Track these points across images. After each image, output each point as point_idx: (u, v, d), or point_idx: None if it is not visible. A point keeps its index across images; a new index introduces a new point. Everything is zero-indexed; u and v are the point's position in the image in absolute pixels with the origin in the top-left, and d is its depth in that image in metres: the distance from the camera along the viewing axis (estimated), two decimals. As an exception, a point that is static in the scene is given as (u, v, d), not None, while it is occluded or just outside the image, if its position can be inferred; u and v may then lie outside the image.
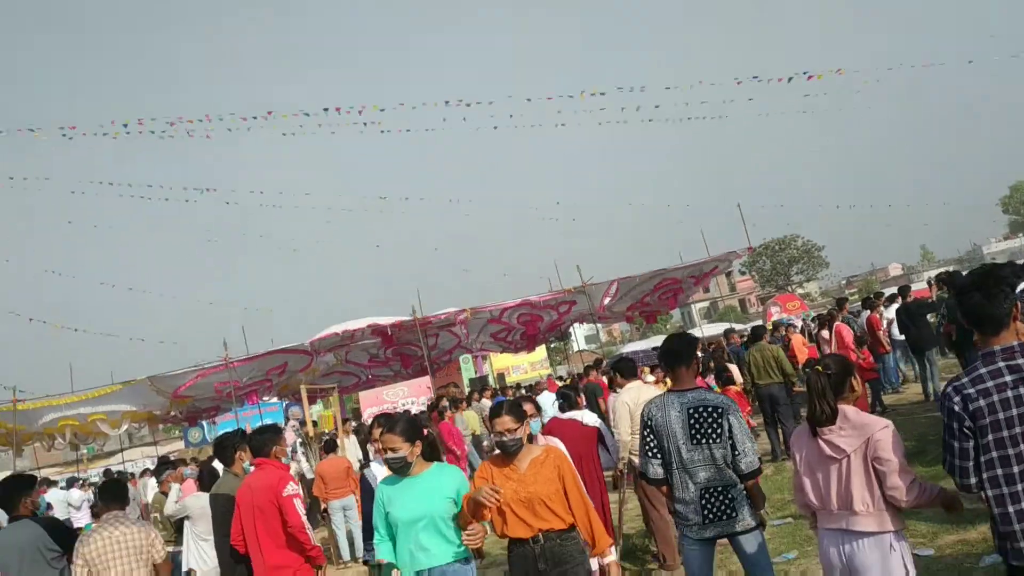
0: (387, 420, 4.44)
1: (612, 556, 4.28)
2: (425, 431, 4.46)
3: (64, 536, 5.22)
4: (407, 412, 11.79)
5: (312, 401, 17.59)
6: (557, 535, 4.08)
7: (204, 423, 30.51)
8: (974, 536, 5.92)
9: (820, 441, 3.62)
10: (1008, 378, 3.04)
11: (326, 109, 15.94)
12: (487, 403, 16.84)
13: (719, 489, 4.38)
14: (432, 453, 4.43)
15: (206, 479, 7.36)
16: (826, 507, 3.63)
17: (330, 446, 10.18)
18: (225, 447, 5.71)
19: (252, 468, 5.42)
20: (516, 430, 4.17)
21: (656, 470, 4.58)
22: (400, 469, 4.21)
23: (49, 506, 14.32)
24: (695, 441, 4.41)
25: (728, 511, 4.37)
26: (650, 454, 4.60)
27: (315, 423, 15.29)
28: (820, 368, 3.70)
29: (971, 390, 3.08)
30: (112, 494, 5.39)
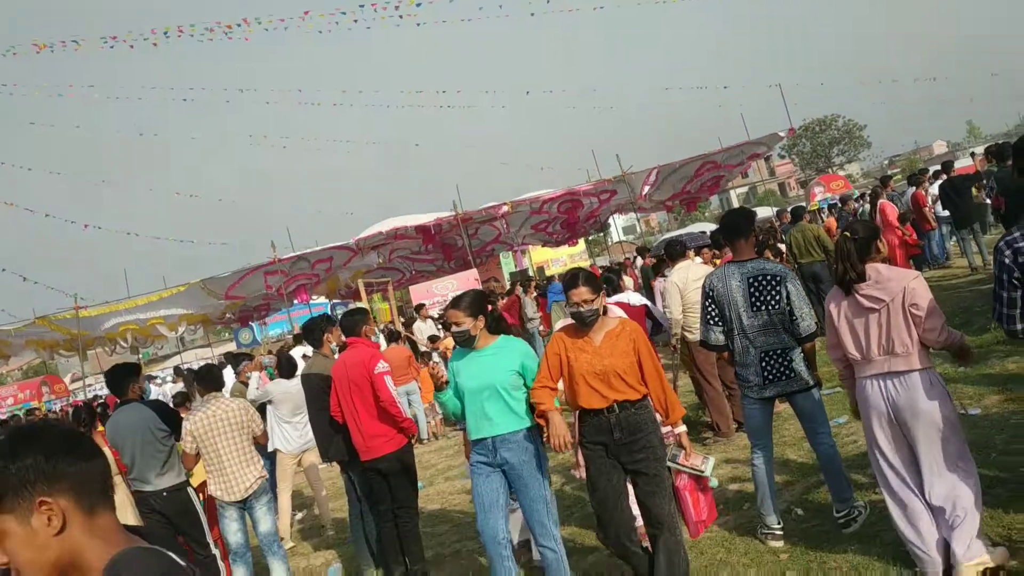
0: (454, 298, 4.70)
1: (683, 426, 4.43)
2: (490, 307, 4.74)
3: (171, 417, 5.70)
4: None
5: (367, 295, 18.13)
6: (632, 405, 4.14)
7: (254, 324, 31.46)
8: (1020, 394, 6.19)
9: (857, 296, 3.90)
10: (1059, 232, 3.24)
11: (362, 5, 15.83)
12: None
13: (778, 352, 4.69)
14: (498, 327, 4.66)
15: (284, 366, 7.85)
16: (866, 356, 3.91)
17: (392, 336, 10.63)
18: (314, 330, 6.09)
19: (337, 349, 5.81)
20: (593, 301, 4.14)
21: (718, 337, 4.89)
22: (465, 342, 4.44)
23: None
24: (755, 308, 4.70)
25: (787, 372, 4.69)
26: (712, 322, 4.90)
27: (374, 316, 15.82)
28: (848, 234, 3.97)
29: (1022, 243, 3.29)
30: (210, 378, 5.87)
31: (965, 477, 3.81)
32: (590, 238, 39.15)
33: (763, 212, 37.42)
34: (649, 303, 6.02)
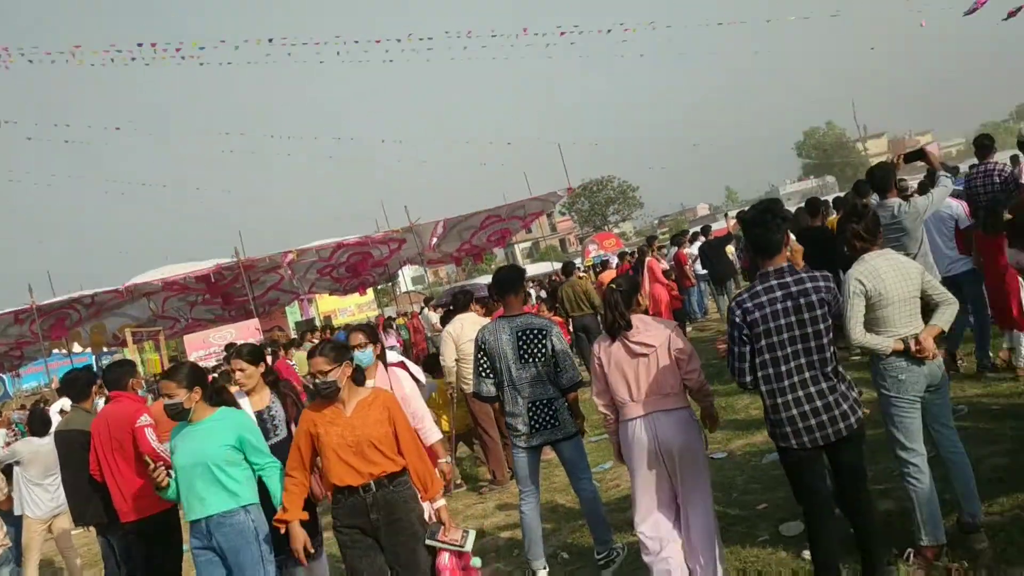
0: (169, 368, 4.39)
1: (442, 500, 4.22)
2: (210, 377, 4.49)
3: None
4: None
5: (135, 343, 17.07)
6: (389, 480, 3.96)
7: (5, 376, 28.64)
8: (759, 439, 6.83)
9: (628, 343, 4.24)
10: (778, 293, 3.71)
11: (140, 44, 15.13)
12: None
13: (544, 402, 4.94)
14: (218, 399, 4.40)
15: (36, 423, 7.24)
16: (635, 398, 4.25)
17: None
18: (77, 381, 5.67)
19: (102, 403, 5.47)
20: (329, 372, 3.91)
21: (489, 388, 5.09)
22: (178, 415, 4.16)
23: None
24: (523, 360, 4.94)
25: (552, 421, 4.95)
26: (483, 374, 5.10)
27: (142, 364, 14.92)
28: (614, 286, 4.36)
29: (749, 304, 3.74)
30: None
31: (710, 512, 4.27)
32: (379, 288, 39.05)
33: (545, 267, 39.13)
34: (406, 360, 6.12)
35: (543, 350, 4.93)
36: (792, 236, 4.13)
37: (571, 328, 12.10)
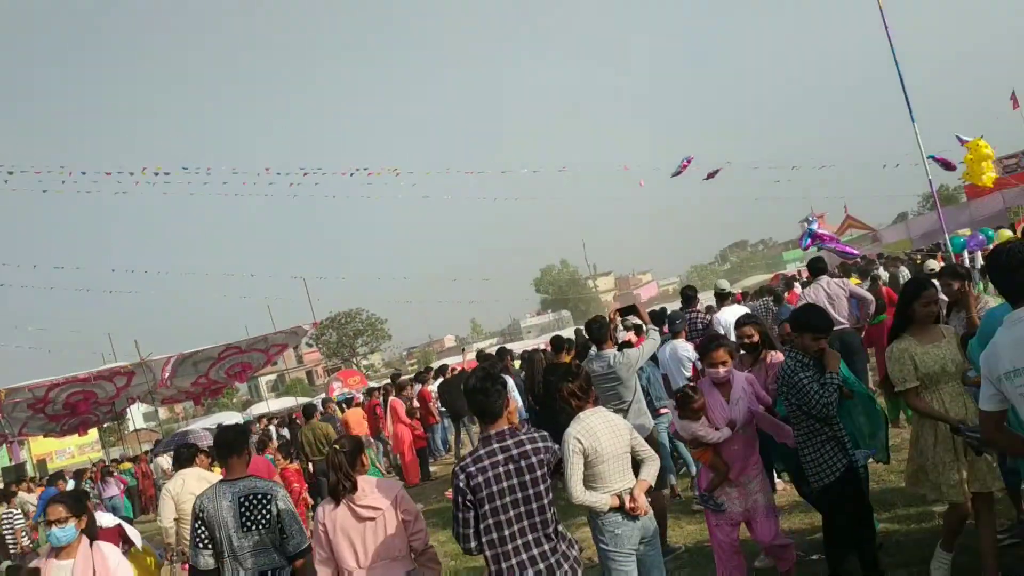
0: None
1: None
2: None
3: None
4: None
5: None
6: None
7: None
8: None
9: (354, 507, 4.10)
10: (500, 457, 3.78)
11: None
12: (27, 496, 15.12)
13: (269, 573, 4.64)
14: None
15: None
16: (362, 564, 4.08)
17: None
18: None
19: None
20: None
21: (207, 561, 4.71)
22: None
23: None
24: (245, 528, 4.64)
25: (278, 593, 4.64)
26: (201, 545, 4.71)
27: None
28: (338, 447, 4.22)
29: (472, 468, 3.76)
30: None
31: None
32: (104, 427, 35.88)
33: (289, 402, 37.97)
34: (123, 522, 5.58)
35: (267, 516, 4.66)
36: (514, 398, 4.27)
37: (312, 472, 11.69)
